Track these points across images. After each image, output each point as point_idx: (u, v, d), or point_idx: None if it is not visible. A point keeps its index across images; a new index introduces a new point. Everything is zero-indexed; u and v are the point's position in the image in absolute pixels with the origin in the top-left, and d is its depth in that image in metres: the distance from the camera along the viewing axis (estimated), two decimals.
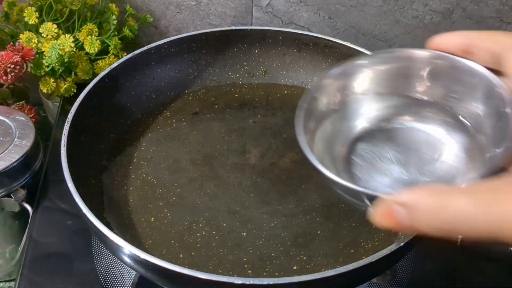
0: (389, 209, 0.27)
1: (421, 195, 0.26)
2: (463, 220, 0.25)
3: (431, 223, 0.26)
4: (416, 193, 0.26)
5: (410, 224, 0.26)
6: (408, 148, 0.38)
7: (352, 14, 0.70)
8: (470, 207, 0.25)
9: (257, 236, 0.44)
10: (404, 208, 0.26)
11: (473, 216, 0.25)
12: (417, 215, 0.26)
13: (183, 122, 0.55)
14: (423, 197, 0.26)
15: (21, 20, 0.61)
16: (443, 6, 0.69)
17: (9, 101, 0.63)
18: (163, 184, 0.48)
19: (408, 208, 0.26)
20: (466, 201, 0.25)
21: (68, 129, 0.45)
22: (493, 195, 0.25)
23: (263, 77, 0.59)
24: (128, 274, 0.46)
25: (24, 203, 0.52)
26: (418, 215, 0.26)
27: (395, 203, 0.27)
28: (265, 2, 0.68)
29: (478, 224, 0.25)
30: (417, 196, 0.26)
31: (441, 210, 0.25)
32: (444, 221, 0.25)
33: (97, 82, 0.50)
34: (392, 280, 0.47)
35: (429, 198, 0.26)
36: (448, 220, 0.25)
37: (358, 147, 0.38)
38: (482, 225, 0.25)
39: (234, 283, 0.34)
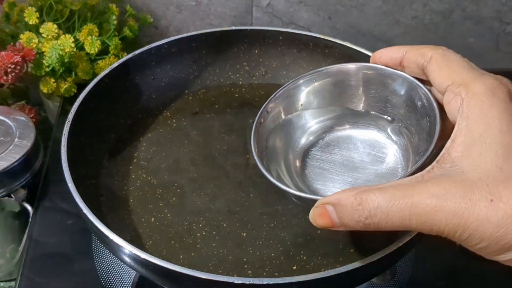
0: (322, 209, 0.31)
1: (344, 195, 0.30)
2: (379, 213, 0.29)
3: (353, 217, 0.30)
4: (341, 193, 0.31)
5: (339, 221, 0.30)
6: (351, 154, 0.42)
7: (352, 14, 0.70)
8: (383, 201, 0.29)
9: (257, 236, 0.44)
10: (333, 207, 0.31)
11: (386, 209, 0.29)
12: (342, 212, 0.30)
13: (183, 122, 0.55)
14: (345, 196, 0.30)
15: (21, 20, 0.61)
16: (443, 6, 0.69)
17: (10, 101, 0.63)
18: (163, 184, 0.48)
19: (335, 206, 0.31)
20: (380, 197, 0.29)
21: (68, 129, 0.45)
22: (402, 191, 0.29)
23: (263, 77, 0.59)
24: (128, 274, 0.46)
25: (24, 203, 0.52)
26: (343, 212, 0.30)
27: (326, 203, 0.31)
28: (265, 2, 0.68)
29: (390, 216, 0.29)
30: (342, 195, 0.30)
31: (359, 205, 0.29)
32: (363, 215, 0.29)
33: (97, 82, 0.50)
34: (392, 280, 0.47)
35: (351, 196, 0.30)
36: (365, 214, 0.29)
37: (308, 159, 0.43)
38: (394, 217, 0.29)
39: (234, 283, 0.34)
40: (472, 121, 0.30)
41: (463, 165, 0.29)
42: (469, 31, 0.72)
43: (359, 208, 0.29)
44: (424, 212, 0.28)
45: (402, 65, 0.38)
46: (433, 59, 0.34)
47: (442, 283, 0.47)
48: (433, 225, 0.28)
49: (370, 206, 0.29)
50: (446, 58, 0.34)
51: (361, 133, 0.43)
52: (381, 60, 0.39)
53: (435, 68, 0.34)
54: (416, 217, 0.28)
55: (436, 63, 0.34)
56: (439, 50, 0.35)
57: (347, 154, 0.42)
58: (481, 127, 0.30)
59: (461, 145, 0.30)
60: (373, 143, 0.42)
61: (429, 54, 0.35)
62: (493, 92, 0.30)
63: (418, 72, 0.37)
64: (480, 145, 0.29)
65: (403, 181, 0.30)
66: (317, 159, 0.43)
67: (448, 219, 0.28)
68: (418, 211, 0.28)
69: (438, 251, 0.48)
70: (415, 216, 0.28)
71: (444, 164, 0.30)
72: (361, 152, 0.42)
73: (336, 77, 0.42)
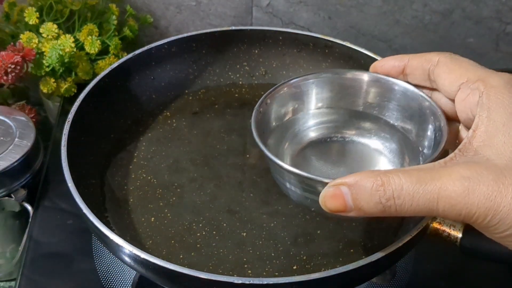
0: (336, 190, 0.29)
1: (363, 176, 0.29)
2: (402, 195, 0.28)
3: (372, 199, 0.28)
4: (359, 175, 0.29)
5: (353, 204, 0.29)
6: (349, 157, 0.42)
7: (352, 14, 0.70)
8: (408, 183, 0.28)
9: (257, 236, 0.44)
10: (349, 188, 0.29)
11: (412, 192, 0.28)
12: (359, 193, 0.29)
13: (183, 122, 0.55)
14: (363, 177, 0.29)
15: (21, 20, 0.61)
16: (443, 6, 0.69)
17: (10, 101, 0.63)
18: (163, 184, 0.48)
19: (351, 187, 0.29)
20: (404, 179, 0.28)
21: (68, 129, 0.45)
22: (428, 174, 0.28)
23: (263, 77, 0.59)
24: (128, 274, 0.46)
25: (24, 203, 0.52)
26: (360, 193, 0.29)
27: (341, 184, 0.29)
28: (265, 2, 0.68)
29: (416, 199, 0.28)
30: (360, 176, 0.29)
31: (381, 186, 0.28)
32: (383, 197, 0.28)
33: (97, 82, 0.50)
34: (392, 280, 0.47)
35: (369, 177, 0.29)
36: (387, 195, 0.28)
37: (305, 157, 0.42)
38: (420, 200, 0.28)
39: (234, 283, 0.34)
40: (493, 112, 0.30)
41: (487, 153, 0.29)
42: (469, 31, 0.72)
43: (381, 189, 0.28)
44: (455, 195, 0.27)
45: (404, 73, 0.38)
46: (441, 62, 0.35)
47: (442, 283, 0.47)
48: (463, 209, 0.27)
49: (394, 187, 0.28)
50: (455, 59, 0.35)
51: (360, 138, 0.43)
52: (383, 69, 0.39)
53: (445, 69, 0.35)
54: (444, 200, 0.27)
55: (445, 65, 0.35)
56: (446, 54, 0.35)
57: (344, 157, 0.42)
58: (504, 117, 0.30)
59: (483, 135, 0.30)
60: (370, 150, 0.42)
61: (435, 58, 0.35)
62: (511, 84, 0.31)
63: (422, 79, 0.37)
64: (503, 135, 0.29)
65: (425, 166, 0.30)
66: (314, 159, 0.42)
67: (481, 202, 0.27)
68: (448, 193, 0.27)
69: (438, 251, 0.48)
70: (444, 199, 0.27)
71: (466, 153, 0.30)
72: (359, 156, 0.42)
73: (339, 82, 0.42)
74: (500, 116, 0.30)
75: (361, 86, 0.41)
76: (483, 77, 0.32)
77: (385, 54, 0.45)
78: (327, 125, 0.43)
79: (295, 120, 0.42)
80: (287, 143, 0.42)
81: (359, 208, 0.29)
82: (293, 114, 0.42)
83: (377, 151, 0.42)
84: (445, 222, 0.39)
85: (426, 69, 0.36)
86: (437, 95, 0.37)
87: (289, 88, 0.41)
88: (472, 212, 0.27)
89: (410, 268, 0.48)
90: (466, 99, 0.33)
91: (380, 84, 0.40)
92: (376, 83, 0.40)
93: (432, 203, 0.28)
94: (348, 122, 0.43)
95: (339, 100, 0.42)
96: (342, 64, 0.56)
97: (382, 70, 0.39)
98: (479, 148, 0.30)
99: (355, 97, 0.42)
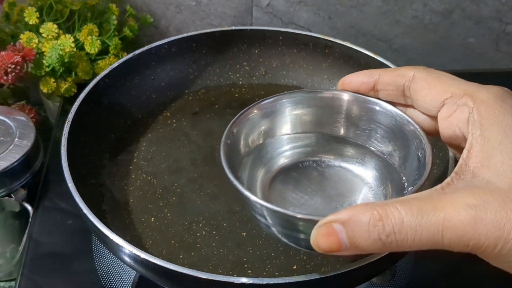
0: (329, 228, 0.27)
1: (357, 210, 0.26)
2: (404, 229, 0.25)
3: (370, 236, 0.26)
4: (352, 209, 0.27)
5: (349, 242, 0.26)
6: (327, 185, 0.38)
7: (352, 14, 0.70)
8: (409, 216, 0.25)
9: (257, 236, 0.44)
10: (343, 226, 0.26)
11: (413, 225, 0.25)
12: (355, 230, 0.26)
13: (183, 122, 0.55)
14: (358, 211, 0.26)
15: (21, 20, 0.61)
16: (443, 6, 0.69)
17: (10, 101, 0.63)
18: (163, 184, 0.48)
19: (345, 224, 0.26)
20: (404, 211, 0.26)
21: (68, 129, 0.45)
22: (429, 203, 0.26)
23: (263, 77, 0.59)
24: (128, 274, 0.46)
25: (24, 203, 0.52)
26: (356, 231, 0.26)
27: (333, 222, 0.27)
28: (265, 2, 0.68)
29: (419, 233, 0.25)
30: (354, 212, 0.26)
31: (379, 221, 0.26)
32: (383, 233, 0.26)
33: (97, 82, 0.50)
34: (392, 280, 0.47)
35: (365, 212, 0.26)
36: (387, 231, 0.26)
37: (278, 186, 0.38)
38: (423, 234, 0.25)
39: (234, 283, 0.34)
40: (487, 130, 0.28)
41: (486, 175, 0.27)
42: (469, 31, 0.72)
43: (379, 225, 0.26)
44: (461, 226, 0.25)
45: (375, 89, 0.36)
46: (418, 77, 0.33)
47: (442, 283, 0.47)
48: (471, 240, 0.25)
49: (393, 221, 0.26)
50: (433, 73, 0.33)
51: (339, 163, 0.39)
52: (351, 86, 0.37)
53: (423, 85, 0.33)
54: (450, 232, 0.25)
55: (423, 80, 0.33)
56: (420, 68, 0.33)
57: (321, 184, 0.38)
58: (499, 134, 0.28)
59: (478, 155, 0.28)
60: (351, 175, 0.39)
61: (410, 73, 0.33)
62: (502, 99, 0.29)
63: (395, 95, 0.35)
64: (500, 154, 0.27)
65: (422, 194, 0.28)
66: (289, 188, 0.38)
67: (489, 231, 0.25)
68: (453, 224, 0.25)
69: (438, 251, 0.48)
70: (449, 230, 0.25)
71: (464, 176, 0.28)
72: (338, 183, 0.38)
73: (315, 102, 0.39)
74: (494, 134, 0.28)
75: (340, 106, 0.38)
76: (470, 92, 0.30)
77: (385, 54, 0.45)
78: (302, 150, 0.40)
79: (267, 145, 0.39)
80: (260, 171, 0.38)
81: (355, 246, 0.26)
82: (264, 139, 0.39)
83: (358, 177, 0.39)
84: None
85: (400, 85, 0.34)
86: (412, 112, 0.35)
87: (260, 110, 0.38)
88: (480, 243, 0.25)
89: (410, 268, 0.48)
90: (453, 116, 0.31)
91: (360, 104, 0.37)
92: (356, 103, 0.38)
93: (437, 236, 0.26)
94: (325, 146, 0.40)
95: (316, 122, 0.39)
96: (342, 64, 0.56)
97: (351, 86, 0.37)
98: (476, 169, 0.28)
99: (333, 118, 0.39)
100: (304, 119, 0.39)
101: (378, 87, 0.36)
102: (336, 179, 0.39)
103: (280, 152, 0.40)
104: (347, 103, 0.38)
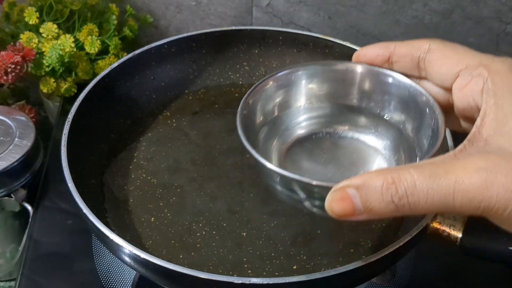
0: (343, 193, 0.28)
1: (371, 175, 0.27)
2: (416, 192, 0.26)
3: (384, 199, 0.27)
4: (367, 175, 0.28)
5: (362, 206, 0.27)
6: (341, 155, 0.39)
7: (352, 14, 0.70)
8: (421, 179, 0.26)
9: (257, 236, 0.44)
10: (357, 190, 0.27)
11: (425, 188, 0.26)
12: (369, 194, 0.27)
13: (183, 122, 0.55)
14: (372, 176, 0.27)
15: (21, 20, 0.61)
16: (443, 6, 0.69)
17: (10, 101, 0.63)
18: (163, 184, 0.48)
19: (359, 189, 0.27)
20: (417, 175, 0.26)
21: (68, 129, 0.45)
22: (441, 167, 0.27)
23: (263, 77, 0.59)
24: (128, 274, 0.46)
25: (24, 202, 0.52)
26: (369, 194, 0.27)
27: (347, 187, 0.28)
28: (265, 2, 0.68)
29: (430, 195, 0.26)
30: (367, 176, 0.27)
31: (392, 184, 0.27)
32: (396, 196, 0.26)
33: (97, 82, 0.50)
34: (392, 280, 0.47)
35: (379, 176, 0.27)
36: (400, 194, 0.26)
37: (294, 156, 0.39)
38: (435, 196, 0.26)
39: (234, 283, 0.34)
40: (501, 98, 0.29)
41: (499, 142, 0.28)
42: (469, 31, 0.72)
43: (392, 188, 0.26)
44: (473, 188, 0.26)
45: (390, 61, 0.37)
46: (433, 49, 0.34)
47: (442, 283, 0.47)
48: (482, 202, 0.26)
49: (406, 184, 0.26)
50: (448, 45, 0.33)
51: (353, 133, 0.41)
52: (366, 58, 0.38)
53: (439, 56, 0.33)
54: (462, 194, 0.26)
55: (439, 52, 0.33)
56: (436, 40, 0.34)
57: (336, 153, 0.40)
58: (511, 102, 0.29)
59: (492, 123, 0.29)
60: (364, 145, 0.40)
61: (425, 45, 0.34)
62: None
63: (410, 67, 0.36)
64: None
65: (435, 160, 0.28)
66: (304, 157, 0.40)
67: (500, 194, 0.26)
68: (465, 187, 0.26)
69: (438, 251, 0.48)
70: (460, 193, 0.26)
71: (476, 143, 0.29)
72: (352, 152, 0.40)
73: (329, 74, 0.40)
74: (508, 102, 0.29)
75: (354, 78, 0.39)
76: (484, 63, 0.31)
77: None
78: (316, 121, 0.41)
79: (282, 117, 0.40)
80: (275, 142, 0.40)
81: (369, 210, 0.27)
82: (279, 111, 0.40)
83: (371, 147, 0.40)
84: (445, 222, 0.39)
85: (415, 57, 0.35)
86: (426, 84, 0.36)
87: (275, 81, 0.39)
88: (491, 205, 0.26)
89: (410, 268, 0.48)
90: (468, 87, 0.31)
91: (373, 76, 0.38)
92: (369, 75, 0.38)
93: (448, 198, 0.26)
94: (339, 117, 0.40)
95: (330, 93, 0.40)
96: None
97: (365, 59, 0.38)
98: (489, 137, 0.28)
99: (347, 90, 0.40)
100: (318, 91, 0.40)
101: (393, 59, 0.36)
102: (350, 149, 0.40)
103: (295, 123, 0.40)
104: (360, 75, 0.39)
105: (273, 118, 0.40)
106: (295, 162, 0.39)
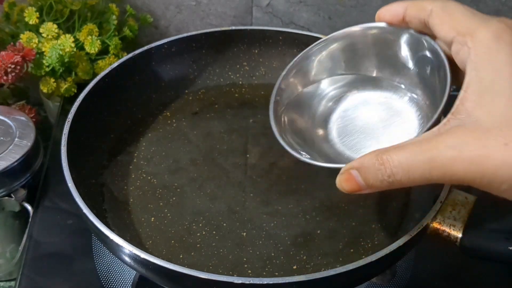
0: (347, 174, 0.32)
1: (366, 158, 0.32)
2: (400, 170, 0.30)
3: (378, 177, 0.31)
4: (362, 158, 0.32)
5: (365, 183, 0.32)
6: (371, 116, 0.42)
7: (352, 14, 0.70)
8: (403, 159, 0.30)
9: (257, 236, 0.44)
10: (358, 171, 0.32)
11: (407, 166, 0.30)
12: (366, 174, 0.31)
13: (183, 122, 0.55)
14: (367, 159, 0.31)
15: (21, 20, 0.61)
16: None
17: (10, 101, 0.63)
18: (163, 184, 0.48)
19: (359, 170, 0.32)
20: (399, 155, 0.30)
21: (68, 129, 0.45)
22: (421, 146, 0.30)
23: (263, 77, 0.59)
24: (128, 274, 0.46)
25: (24, 202, 0.52)
26: (367, 174, 0.31)
27: (350, 169, 0.32)
28: (265, 2, 0.68)
29: (412, 172, 0.30)
30: (363, 159, 0.32)
31: (381, 165, 0.31)
32: (386, 174, 0.30)
33: (97, 82, 0.50)
34: (392, 280, 0.47)
35: (372, 158, 0.31)
36: (388, 173, 0.30)
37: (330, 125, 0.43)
38: (415, 173, 0.30)
39: (234, 283, 0.34)
40: (481, 69, 0.30)
41: (477, 114, 0.29)
42: None
43: (381, 168, 0.30)
44: (443, 165, 0.29)
45: (405, 21, 0.37)
46: (433, 12, 0.34)
47: (442, 283, 0.47)
48: (453, 175, 0.29)
49: (391, 164, 0.30)
50: (446, 9, 0.33)
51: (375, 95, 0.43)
52: (386, 18, 0.38)
53: (437, 21, 0.34)
54: (436, 170, 0.29)
55: (437, 16, 0.34)
56: (438, 2, 0.34)
57: (366, 117, 0.42)
58: (491, 74, 0.29)
59: (473, 94, 0.30)
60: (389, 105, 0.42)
61: (429, 7, 0.34)
62: (499, 36, 0.30)
63: (422, 27, 0.36)
64: (491, 92, 0.29)
65: (420, 138, 0.31)
66: (339, 125, 0.43)
67: (466, 168, 0.28)
68: (437, 164, 0.29)
69: (438, 251, 0.48)
70: (435, 169, 0.29)
71: (459, 115, 0.30)
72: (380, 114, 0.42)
73: (343, 42, 0.42)
74: (487, 73, 0.30)
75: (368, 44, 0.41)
76: (471, 30, 0.31)
77: None
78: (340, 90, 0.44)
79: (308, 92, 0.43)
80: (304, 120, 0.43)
81: (370, 185, 0.31)
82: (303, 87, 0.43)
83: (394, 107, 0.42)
84: (445, 222, 0.39)
85: (422, 18, 0.35)
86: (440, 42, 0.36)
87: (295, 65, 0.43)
88: (461, 178, 0.29)
89: (410, 268, 0.48)
90: (459, 54, 0.32)
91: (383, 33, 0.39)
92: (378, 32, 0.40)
93: (426, 174, 0.29)
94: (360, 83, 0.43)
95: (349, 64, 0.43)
96: None
97: (385, 19, 0.38)
98: (470, 108, 0.30)
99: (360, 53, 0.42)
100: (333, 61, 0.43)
101: (406, 19, 0.37)
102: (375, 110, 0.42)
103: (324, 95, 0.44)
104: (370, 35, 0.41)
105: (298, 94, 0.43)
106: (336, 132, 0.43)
